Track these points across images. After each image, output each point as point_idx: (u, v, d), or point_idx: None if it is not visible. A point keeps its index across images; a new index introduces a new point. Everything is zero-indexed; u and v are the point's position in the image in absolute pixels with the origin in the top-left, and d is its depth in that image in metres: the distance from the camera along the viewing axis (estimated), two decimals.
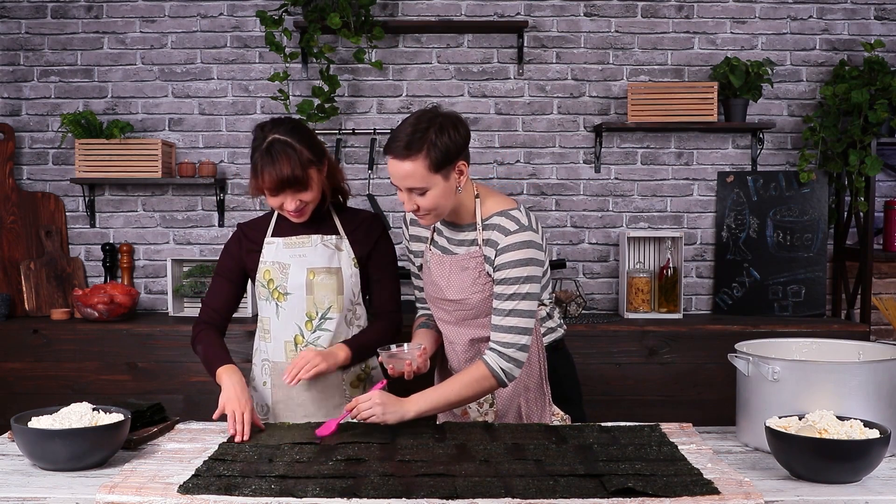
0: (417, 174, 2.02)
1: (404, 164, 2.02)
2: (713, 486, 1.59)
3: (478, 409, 2.26)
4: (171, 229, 4.03)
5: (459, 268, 2.18)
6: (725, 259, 3.95)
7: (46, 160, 4.03)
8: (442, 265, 2.22)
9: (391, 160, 2.05)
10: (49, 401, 2.82)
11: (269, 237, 2.35)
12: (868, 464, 1.65)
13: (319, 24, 3.70)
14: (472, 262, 2.17)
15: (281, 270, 2.31)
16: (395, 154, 2.03)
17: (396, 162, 2.03)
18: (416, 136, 2.02)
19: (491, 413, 2.26)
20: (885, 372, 1.85)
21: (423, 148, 2.01)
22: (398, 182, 2.07)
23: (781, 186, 3.90)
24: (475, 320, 2.22)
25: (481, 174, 4.00)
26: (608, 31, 3.97)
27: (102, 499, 1.58)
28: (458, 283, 2.18)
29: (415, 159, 2.01)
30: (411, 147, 2.01)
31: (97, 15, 3.97)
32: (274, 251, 2.33)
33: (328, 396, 2.33)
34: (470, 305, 2.19)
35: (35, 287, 3.90)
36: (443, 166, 2.04)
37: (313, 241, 2.33)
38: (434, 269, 2.24)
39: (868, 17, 3.96)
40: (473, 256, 2.17)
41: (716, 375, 3.51)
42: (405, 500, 1.54)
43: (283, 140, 2.20)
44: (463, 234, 2.22)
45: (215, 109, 4.00)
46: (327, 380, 2.32)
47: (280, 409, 2.33)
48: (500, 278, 2.12)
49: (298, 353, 2.29)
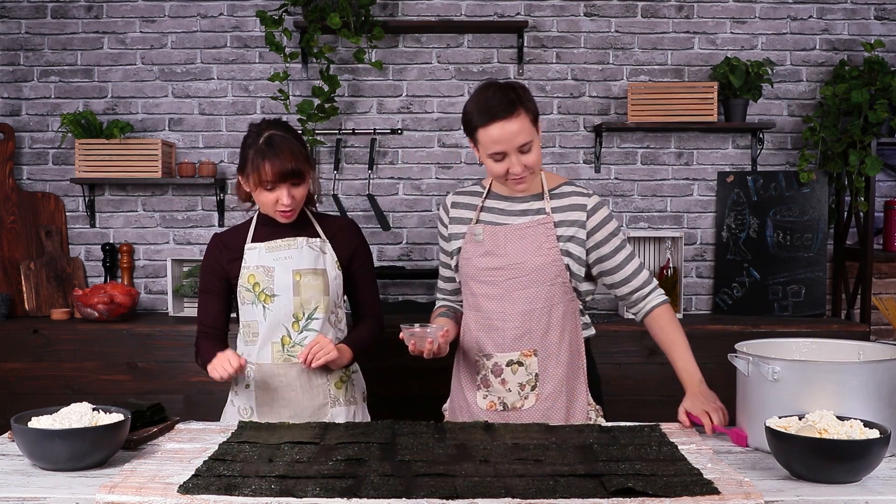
0: (525, 128, 2.13)
1: (513, 122, 2.11)
2: (713, 486, 1.59)
3: (519, 392, 2.24)
4: (171, 229, 4.03)
5: (519, 236, 2.23)
6: (725, 259, 3.95)
7: (46, 160, 4.03)
8: (496, 235, 2.25)
9: (498, 124, 2.10)
10: (49, 401, 2.82)
11: (250, 243, 2.36)
12: (868, 464, 1.64)
13: (319, 24, 3.70)
14: (540, 228, 2.23)
15: (266, 273, 2.31)
16: (503, 115, 2.10)
17: (505, 123, 2.10)
18: (509, 96, 2.13)
19: (532, 397, 2.23)
20: (885, 372, 1.85)
21: (521, 103, 2.13)
22: (509, 143, 2.12)
23: (781, 186, 3.90)
24: (526, 290, 2.21)
25: (481, 174, 4.00)
26: (608, 31, 3.97)
27: (102, 499, 1.58)
28: (517, 249, 2.23)
29: (519, 114, 2.11)
30: (514, 105, 2.11)
31: (97, 15, 3.97)
32: (256, 256, 2.34)
33: (313, 396, 2.34)
34: (526, 270, 2.21)
35: (35, 287, 3.90)
36: (536, 120, 2.18)
37: (299, 242, 2.35)
38: (487, 240, 2.25)
39: (868, 17, 3.96)
40: (542, 223, 2.23)
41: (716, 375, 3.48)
42: (405, 500, 1.54)
43: (282, 135, 2.28)
44: (525, 205, 2.29)
45: (215, 109, 4.00)
46: (312, 380, 2.33)
47: (264, 412, 2.33)
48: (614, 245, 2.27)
49: (285, 355, 2.31)
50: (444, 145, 4.00)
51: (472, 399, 2.30)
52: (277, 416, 2.31)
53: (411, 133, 4.00)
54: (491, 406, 2.27)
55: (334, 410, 2.36)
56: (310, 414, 2.32)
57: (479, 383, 2.29)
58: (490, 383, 2.27)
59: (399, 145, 4.00)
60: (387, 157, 4.00)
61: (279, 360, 2.32)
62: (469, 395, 2.31)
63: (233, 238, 2.40)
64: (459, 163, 4.00)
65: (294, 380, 2.32)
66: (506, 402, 2.25)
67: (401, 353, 3.59)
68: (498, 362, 2.25)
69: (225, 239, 2.41)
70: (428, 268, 3.98)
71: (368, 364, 2.66)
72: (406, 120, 3.99)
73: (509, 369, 2.24)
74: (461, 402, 2.35)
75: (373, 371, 3.34)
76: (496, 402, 2.27)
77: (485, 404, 2.28)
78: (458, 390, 2.37)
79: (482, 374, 2.28)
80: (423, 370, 3.58)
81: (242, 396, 2.37)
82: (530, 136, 2.14)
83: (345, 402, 2.39)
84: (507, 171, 2.17)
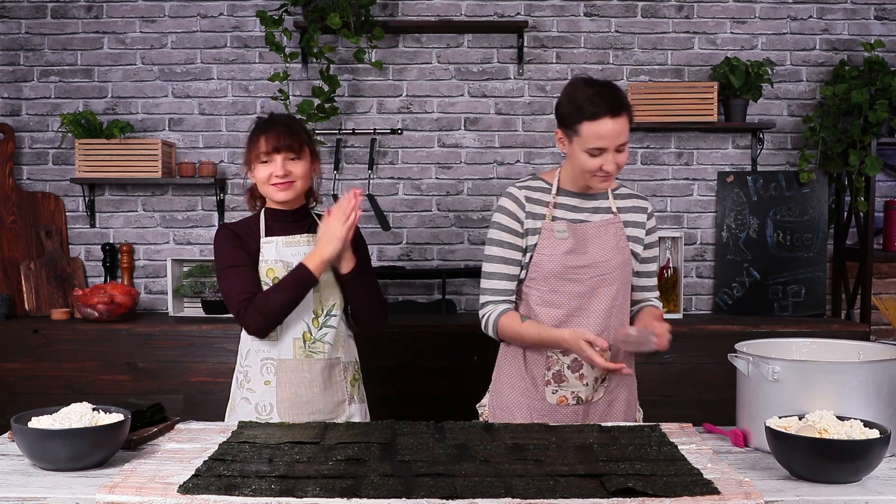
0: (626, 129, 2.18)
1: (619, 121, 2.15)
2: (713, 486, 1.59)
3: (594, 386, 2.28)
4: (171, 229, 4.03)
5: (597, 233, 2.28)
6: (725, 259, 3.95)
7: (46, 160, 4.03)
8: (577, 232, 2.28)
9: (607, 120, 2.13)
10: (49, 401, 2.81)
11: (265, 237, 2.35)
12: (868, 464, 1.64)
13: (319, 24, 3.70)
14: (612, 227, 2.30)
15: (285, 268, 2.30)
16: (613, 112, 2.14)
17: (615, 120, 2.14)
18: (617, 95, 2.17)
19: (601, 390, 2.30)
20: (885, 372, 1.85)
21: (626, 104, 2.18)
22: (613, 140, 2.15)
23: (781, 186, 3.90)
24: (609, 287, 2.27)
25: (481, 174, 4.00)
26: (608, 31, 3.97)
27: (102, 499, 1.58)
28: (597, 247, 2.26)
29: (624, 115, 2.16)
30: (623, 104, 2.16)
31: (97, 15, 3.97)
32: (274, 250, 2.33)
33: (334, 393, 2.34)
34: (610, 268, 2.27)
35: (35, 287, 3.90)
36: (632, 122, 2.22)
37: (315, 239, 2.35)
38: (571, 237, 2.27)
39: (868, 17, 3.96)
40: (613, 223, 2.30)
41: (716, 375, 3.51)
42: (405, 500, 1.54)
43: (281, 114, 2.40)
44: (595, 202, 2.33)
45: (215, 109, 4.00)
46: (333, 377, 2.34)
47: (285, 408, 2.31)
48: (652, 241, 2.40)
49: (306, 351, 2.30)
50: (444, 145, 4.00)
51: (536, 395, 2.30)
52: (298, 414, 2.29)
53: (411, 133, 4.00)
54: (562, 401, 2.29)
55: (351, 408, 2.37)
56: (330, 410, 2.32)
57: (549, 379, 2.29)
58: (565, 378, 2.28)
59: (399, 145, 4.00)
60: (387, 157, 4.00)
61: (301, 356, 2.31)
62: (533, 391, 2.31)
63: (243, 230, 2.37)
64: (459, 163, 4.00)
65: (317, 376, 2.31)
66: (580, 396, 2.29)
67: (401, 353, 3.61)
68: (577, 358, 2.27)
69: (236, 229, 2.37)
70: (428, 268, 3.98)
71: (369, 364, 2.66)
72: (406, 120, 3.99)
73: (588, 364, 2.27)
74: (515, 399, 2.33)
75: (373, 371, 3.34)
76: (568, 397, 2.29)
77: (554, 399, 2.29)
78: (511, 387, 2.35)
79: (555, 369, 2.29)
80: (424, 370, 3.59)
81: (262, 393, 2.33)
82: (627, 138, 2.19)
83: (357, 399, 2.42)
84: (600, 167, 2.18)
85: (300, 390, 2.31)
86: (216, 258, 2.36)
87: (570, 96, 2.20)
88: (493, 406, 2.39)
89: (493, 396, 2.41)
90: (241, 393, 2.36)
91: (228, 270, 2.31)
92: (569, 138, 2.21)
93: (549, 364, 2.29)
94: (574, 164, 2.23)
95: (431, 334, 3.58)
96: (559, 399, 2.29)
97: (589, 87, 2.18)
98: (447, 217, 4.02)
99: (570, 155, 2.24)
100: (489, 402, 2.42)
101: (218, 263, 2.34)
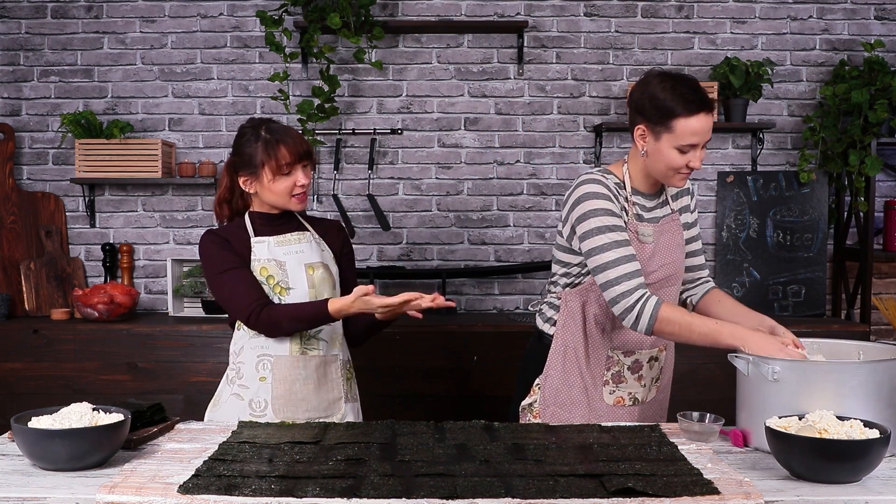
0: (712, 126, 2.17)
1: (710, 118, 2.14)
2: (713, 486, 1.59)
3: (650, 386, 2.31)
4: (171, 229, 4.03)
5: (668, 232, 2.28)
6: (725, 259, 3.95)
7: (46, 160, 4.03)
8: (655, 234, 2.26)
9: (701, 116, 2.11)
10: (49, 401, 2.82)
11: (255, 237, 2.33)
12: (868, 464, 1.64)
13: (319, 24, 3.70)
14: (674, 224, 2.30)
15: (279, 267, 2.31)
16: (709, 107, 2.13)
17: (708, 116, 2.13)
18: (704, 92, 2.14)
19: (654, 389, 2.32)
20: (885, 372, 1.85)
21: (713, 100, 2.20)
22: (703, 136, 2.13)
23: (781, 186, 3.90)
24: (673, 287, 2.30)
25: (481, 174, 4.00)
26: (608, 31, 3.97)
27: (102, 499, 1.58)
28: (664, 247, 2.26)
29: (712, 113, 2.15)
30: (711, 101, 2.15)
31: (97, 15, 3.97)
32: (266, 249, 2.32)
33: (329, 390, 2.35)
34: (676, 268, 2.28)
35: (35, 287, 3.90)
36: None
37: (308, 237, 2.36)
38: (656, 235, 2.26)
39: (868, 17, 3.96)
40: (674, 219, 2.31)
41: (716, 375, 3.52)
42: (405, 500, 1.54)
43: (281, 123, 2.34)
44: (657, 200, 2.31)
45: (215, 109, 4.00)
46: (328, 374, 2.34)
47: (280, 405, 2.31)
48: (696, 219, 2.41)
49: (302, 347, 2.30)
50: (444, 145, 4.00)
51: (593, 395, 2.27)
52: (293, 411, 2.29)
53: (411, 133, 4.00)
54: (619, 401, 2.28)
55: (346, 407, 2.38)
56: (325, 408, 2.32)
57: (607, 379, 2.28)
58: (624, 379, 2.28)
59: (399, 145, 4.00)
60: (387, 157, 4.00)
61: (297, 352, 2.31)
62: (591, 391, 2.27)
63: (230, 234, 2.35)
64: (459, 163, 4.00)
65: (312, 372, 2.32)
66: (637, 396, 2.30)
67: (401, 353, 3.61)
68: (639, 359, 2.28)
69: (223, 234, 2.34)
70: (428, 268, 3.98)
71: (369, 364, 2.66)
72: (406, 120, 3.99)
73: (647, 365, 2.29)
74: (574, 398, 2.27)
75: (373, 371, 3.34)
76: (625, 398, 2.29)
77: (611, 399, 2.28)
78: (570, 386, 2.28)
79: (615, 370, 2.28)
80: (424, 370, 3.59)
81: (256, 390, 2.31)
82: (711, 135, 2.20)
83: (350, 398, 2.41)
84: (686, 163, 2.15)
85: (295, 387, 2.31)
86: (207, 264, 2.31)
87: (657, 91, 2.12)
88: (547, 404, 2.29)
89: (548, 394, 2.30)
90: (232, 389, 2.34)
91: (226, 275, 2.28)
92: (656, 135, 2.13)
93: (610, 364, 2.28)
94: (657, 161, 2.16)
95: (431, 334, 3.58)
96: (616, 399, 2.29)
97: (677, 83, 2.13)
98: (447, 217, 4.02)
99: (653, 152, 2.16)
100: (541, 400, 2.30)
101: (210, 269, 2.30)
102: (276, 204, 2.32)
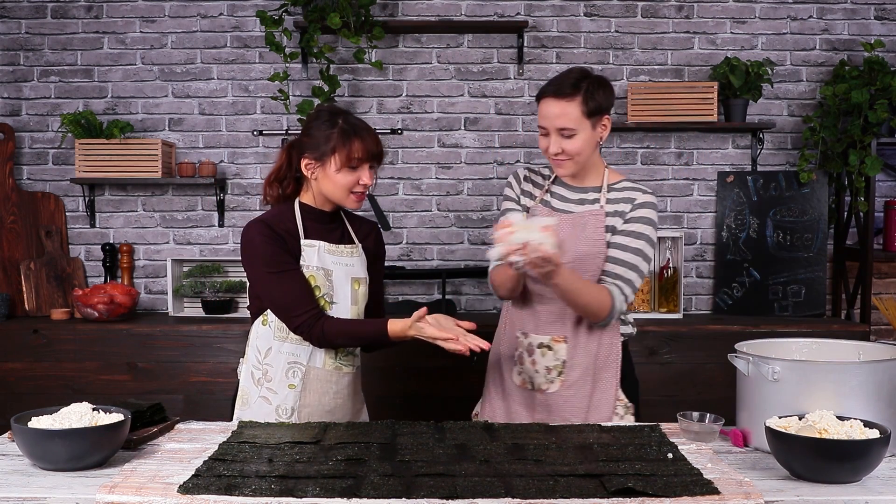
0: (571, 115, 2.18)
1: (559, 104, 2.18)
2: (713, 486, 1.59)
3: (546, 375, 2.29)
4: (171, 229, 4.03)
5: (570, 223, 2.26)
6: (725, 259, 3.95)
7: (46, 160, 4.03)
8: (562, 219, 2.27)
9: (547, 100, 2.19)
10: (49, 401, 2.82)
11: (305, 240, 2.23)
12: (868, 464, 1.64)
13: (319, 24, 3.70)
14: (592, 219, 2.26)
15: (326, 277, 2.22)
16: (553, 94, 2.19)
17: (552, 101, 2.19)
18: (573, 82, 2.19)
19: (558, 382, 2.29)
20: (885, 372, 1.85)
21: (579, 93, 2.18)
22: (550, 122, 2.19)
23: (781, 186, 3.90)
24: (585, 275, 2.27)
25: (481, 174, 4.00)
26: (608, 31, 3.97)
27: (102, 499, 1.58)
28: (572, 238, 2.25)
29: (570, 101, 2.17)
30: (569, 90, 2.18)
31: (97, 15, 3.97)
32: (316, 256, 2.23)
33: (353, 402, 2.35)
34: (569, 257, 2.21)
35: (35, 287, 3.90)
36: (594, 114, 2.20)
37: (359, 251, 2.30)
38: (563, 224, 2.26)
39: (868, 17, 3.96)
40: (594, 214, 2.27)
41: (716, 375, 3.52)
42: (405, 500, 1.54)
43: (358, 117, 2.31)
44: (583, 195, 2.32)
45: (215, 109, 4.00)
46: (357, 387, 2.36)
47: (306, 413, 2.25)
48: (629, 230, 2.24)
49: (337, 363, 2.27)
50: (444, 145, 4.00)
51: (507, 374, 2.38)
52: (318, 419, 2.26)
53: (411, 133, 4.00)
54: (523, 384, 2.34)
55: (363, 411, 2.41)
56: (351, 416, 2.34)
57: (515, 359, 2.36)
58: (523, 361, 2.33)
59: (399, 145, 4.00)
60: (387, 157, 4.00)
61: (331, 366, 2.26)
62: (506, 370, 2.38)
63: (281, 228, 2.21)
64: (459, 163, 4.00)
65: (344, 388, 2.29)
66: (534, 381, 2.32)
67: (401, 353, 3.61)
68: (531, 343, 2.32)
69: (273, 225, 2.20)
70: (428, 268, 3.98)
71: (369, 364, 2.66)
72: (406, 120, 3.99)
73: (539, 351, 2.30)
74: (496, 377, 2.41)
75: (373, 371, 3.34)
76: (527, 381, 2.33)
77: (518, 381, 2.35)
78: (495, 366, 2.43)
79: (519, 351, 2.35)
80: (424, 370, 3.59)
81: (284, 396, 2.24)
82: (574, 125, 2.18)
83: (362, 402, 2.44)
84: (546, 148, 2.24)
85: (325, 399, 2.27)
86: (258, 260, 2.18)
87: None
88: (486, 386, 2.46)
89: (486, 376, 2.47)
90: (259, 391, 2.25)
91: (284, 276, 2.17)
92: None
93: (516, 344, 2.36)
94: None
95: None
96: (521, 381, 2.35)
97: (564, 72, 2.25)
98: (447, 217, 4.02)
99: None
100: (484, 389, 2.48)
101: (262, 265, 2.17)
102: (332, 196, 2.22)
